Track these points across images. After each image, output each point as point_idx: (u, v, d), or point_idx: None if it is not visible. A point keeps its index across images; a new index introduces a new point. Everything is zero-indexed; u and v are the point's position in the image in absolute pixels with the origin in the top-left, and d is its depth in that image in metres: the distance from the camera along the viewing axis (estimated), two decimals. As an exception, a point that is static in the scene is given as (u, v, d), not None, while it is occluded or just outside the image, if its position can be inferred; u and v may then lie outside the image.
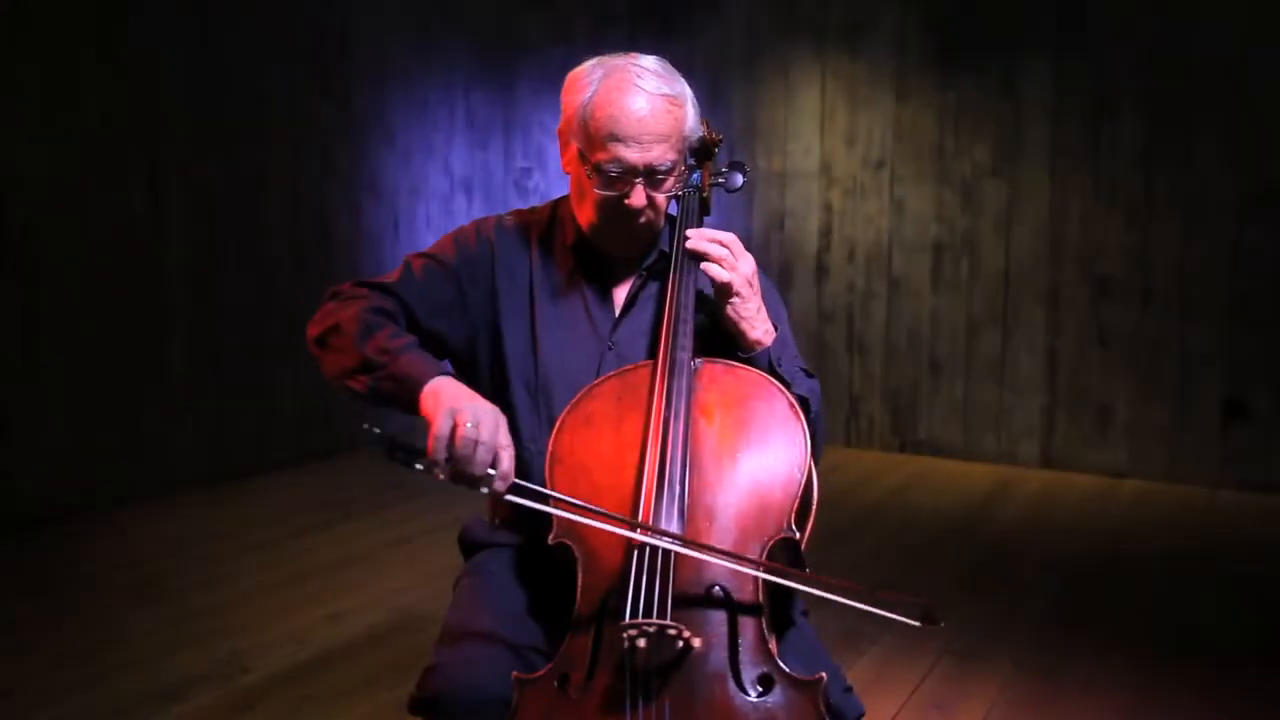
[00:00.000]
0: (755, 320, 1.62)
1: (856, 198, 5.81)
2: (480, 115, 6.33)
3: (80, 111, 4.22)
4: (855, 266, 5.84)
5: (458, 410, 1.41)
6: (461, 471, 1.39)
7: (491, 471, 1.40)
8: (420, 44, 5.87)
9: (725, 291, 1.60)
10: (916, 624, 1.37)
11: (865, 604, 1.38)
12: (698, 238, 1.63)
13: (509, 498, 1.42)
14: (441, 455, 1.38)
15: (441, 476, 1.39)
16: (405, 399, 1.51)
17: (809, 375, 1.67)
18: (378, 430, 1.38)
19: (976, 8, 5.44)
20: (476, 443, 1.38)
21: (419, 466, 1.38)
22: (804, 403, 1.60)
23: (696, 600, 1.39)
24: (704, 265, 1.61)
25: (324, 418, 5.16)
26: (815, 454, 1.59)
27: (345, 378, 1.58)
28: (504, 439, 1.42)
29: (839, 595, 1.37)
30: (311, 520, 4.27)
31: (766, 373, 1.60)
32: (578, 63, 1.67)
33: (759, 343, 1.61)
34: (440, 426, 1.39)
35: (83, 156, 4.24)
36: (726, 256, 1.61)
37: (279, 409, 5.05)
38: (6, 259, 4.01)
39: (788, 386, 1.60)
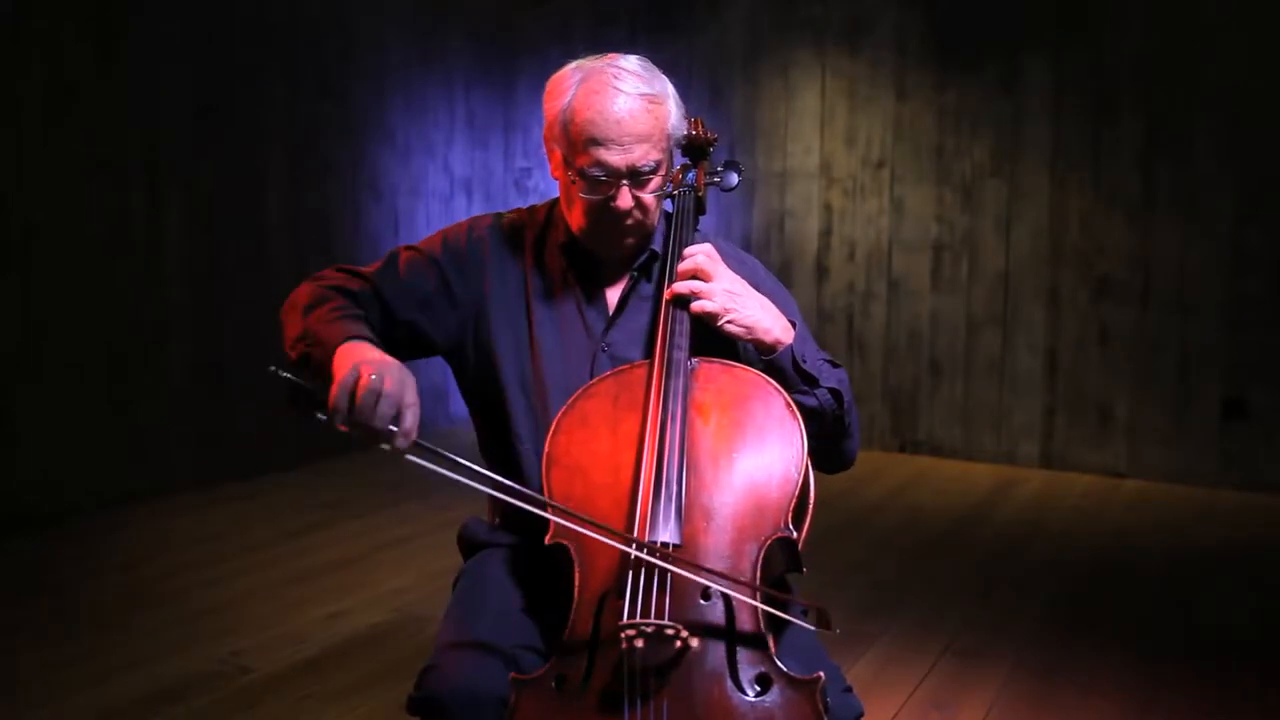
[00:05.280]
0: (763, 323, 1.59)
1: (856, 198, 5.81)
2: (480, 115, 6.33)
3: (80, 112, 4.22)
4: (855, 266, 5.84)
5: (363, 363, 1.40)
6: (362, 423, 1.36)
7: (394, 428, 1.37)
8: (420, 44, 5.88)
9: (714, 318, 1.59)
10: (811, 628, 1.39)
11: (760, 602, 1.39)
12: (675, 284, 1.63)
13: (409, 457, 1.39)
14: (344, 404, 1.36)
15: (343, 428, 1.37)
16: (325, 362, 1.50)
17: (834, 366, 1.66)
18: (285, 374, 1.38)
19: (976, 8, 5.44)
20: (379, 394, 1.36)
21: (320, 416, 1.37)
22: (836, 395, 1.60)
23: (694, 600, 1.39)
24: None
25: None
26: (854, 446, 1.66)
27: (288, 347, 1.60)
28: (410, 396, 1.39)
29: (734, 591, 1.38)
30: (311, 520, 4.28)
31: (792, 371, 1.58)
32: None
33: (779, 342, 1.59)
34: (344, 377, 1.38)
35: (83, 156, 4.24)
36: (699, 288, 1.59)
37: (279, 409, 5.05)
38: (6, 259, 4.01)
39: (815, 383, 1.59)
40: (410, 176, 5.84)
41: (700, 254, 1.62)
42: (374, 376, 1.37)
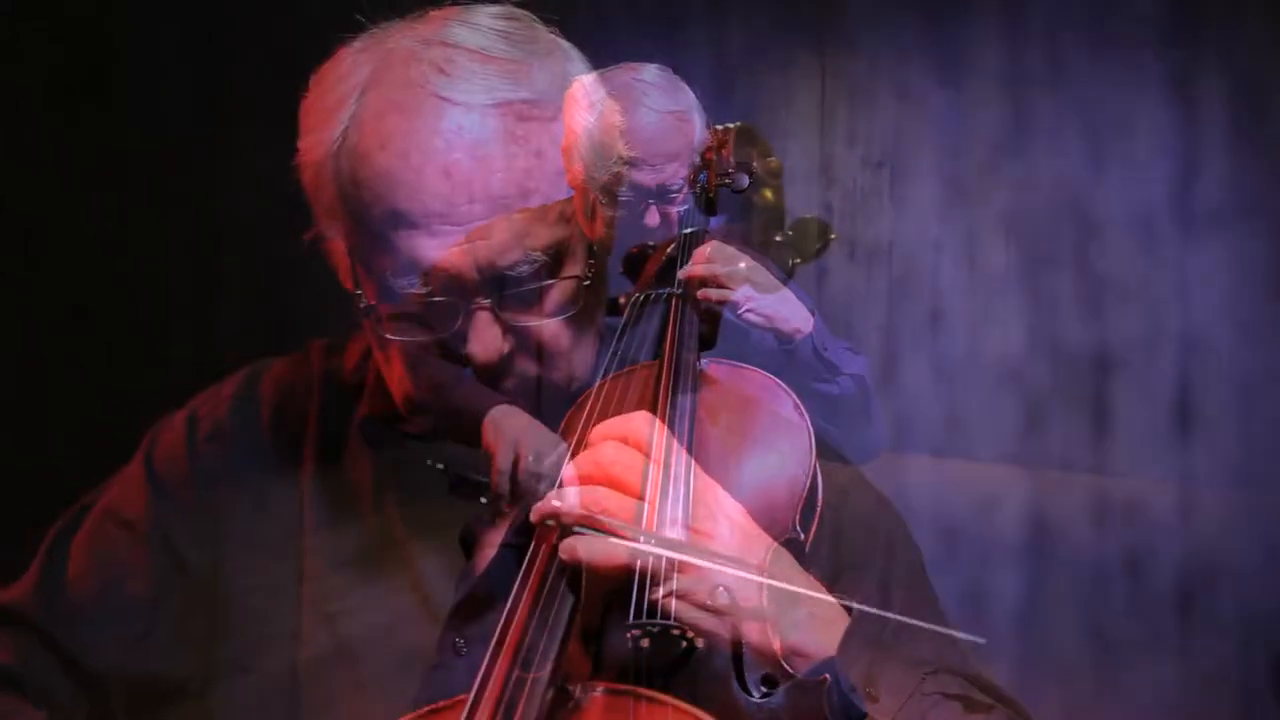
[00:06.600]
0: (782, 311, 1.59)
1: (856, 198, 5.80)
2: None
3: (80, 112, 4.21)
4: (855, 266, 5.83)
5: (519, 442, 1.39)
6: (525, 506, 1.37)
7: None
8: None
9: (734, 307, 1.57)
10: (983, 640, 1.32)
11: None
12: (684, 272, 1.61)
13: (579, 530, 1.38)
14: (504, 489, 1.37)
15: (508, 508, 1.38)
16: (465, 432, 1.48)
17: (855, 354, 1.65)
18: (440, 465, 1.37)
19: (977, 6, 5.43)
20: (539, 476, 1.36)
21: (484, 500, 1.36)
22: (859, 382, 1.60)
23: (700, 600, 1.39)
24: (700, 294, 1.57)
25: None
26: (878, 434, 1.62)
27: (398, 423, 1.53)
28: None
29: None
30: (311, 520, 4.25)
31: (813, 359, 1.58)
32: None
33: (798, 331, 1.59)
34: (502, 460, 1.37)
35: (83, 157, 4.23)
36: (716, 274, 1.58)
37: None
38: (6, 259, 4.01)
39: (836, 370, 1.58)
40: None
41: (709, 248, 1.62)
42: (531, 458, 1.37)
